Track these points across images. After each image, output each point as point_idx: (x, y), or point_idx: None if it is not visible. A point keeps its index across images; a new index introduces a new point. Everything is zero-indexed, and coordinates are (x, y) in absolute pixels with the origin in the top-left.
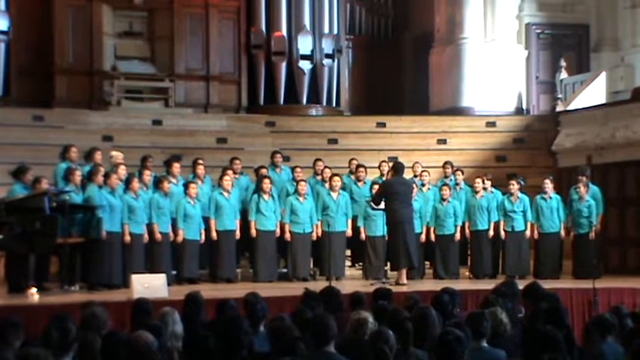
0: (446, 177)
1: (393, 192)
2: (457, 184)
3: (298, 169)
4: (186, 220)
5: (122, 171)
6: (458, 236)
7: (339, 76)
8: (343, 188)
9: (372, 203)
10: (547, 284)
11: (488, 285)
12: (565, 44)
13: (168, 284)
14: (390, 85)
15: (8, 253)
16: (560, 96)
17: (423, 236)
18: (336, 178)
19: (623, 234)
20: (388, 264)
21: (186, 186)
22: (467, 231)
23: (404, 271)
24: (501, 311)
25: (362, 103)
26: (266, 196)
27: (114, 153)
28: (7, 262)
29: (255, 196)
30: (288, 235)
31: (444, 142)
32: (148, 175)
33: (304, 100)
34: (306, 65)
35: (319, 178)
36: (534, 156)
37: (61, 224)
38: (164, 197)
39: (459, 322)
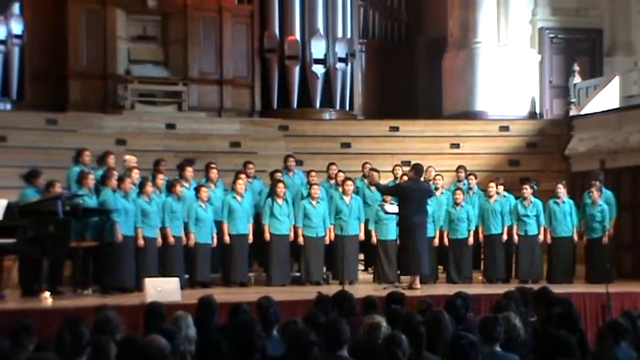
0: (459, 181)
1: (407, 198)
2: (470, 188)
3: (313, 174)
4: (198, 223)
5: (135, 175)
6: (471, 240)
7: (352, 80)
8: (356, 192)
9: (384, 207)
10: (560, 289)
11: (501, 289)
12: (578, 49)
13: (181, 288)
14: (403, 89)
15: (22, 257)
16: (573, 100)
17: (437, 240)
18: (349, 182)
19: (637, 239)
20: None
21: (197, 189)
22: (480, 235)
23: (417, 277)
24: (515, 316)
25: (375, 107)
26: (280, 200)
27: (127, 157)
28: (21, 266)
29: (269, 200)
30: (301, 239)
31: (457, 146)
32: (162, 179)
33: (317, 104)
34: (319, 69)
35: (333, 182)
36: (547, 160)
37: (74, 228)
38: (177, 201)
39: (470, 327)
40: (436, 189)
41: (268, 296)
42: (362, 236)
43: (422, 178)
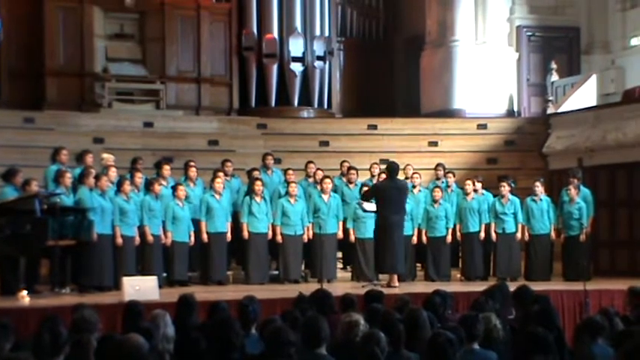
0: (437, 179)
1: (385, 197)
2: (448, 186)
3: (290, 172)
4: (175, 222)
5: (113, 173)
6: (449, 238)
7: (330, 78)
8: (334, 190)
9: (362, 205)
10: (538, 286)
11: (479, 287)
12: (556, 47)
13: (160, 286)
14: (381, 88)
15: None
16: (551, 98)
17: (415, 238)
18: (327, 180)
19: (614, 236)
20: None
21: (174, 188)
22: (458, 233)
23: (395, 275)
24: (495, 317)
25: (353, 105)
26: (258, 199)
27: (105, 155)
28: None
29: (247, 198)
30: (279, 237)
31: (435, 144)
32: (140, 178)
33: (295, 103)
34: (297, 67)
35: (311, 180)
36: (525, 158)
37: (51, 226)
38: (155, 199)
39: (454, 327)
40: (414, 187)
41: (252, 295)
42: (340, 234)
43: (398, 176)
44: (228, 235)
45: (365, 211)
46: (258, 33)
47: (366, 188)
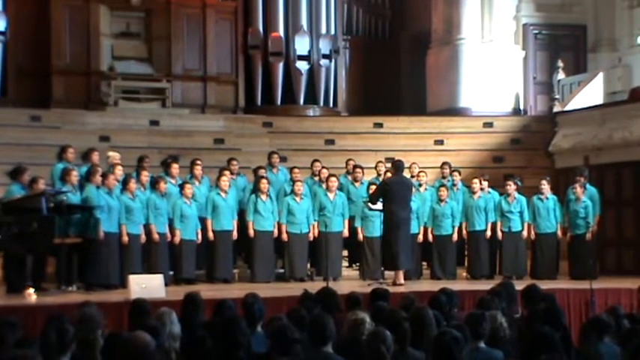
0: (443, 177)
1: (391, 193)
2: (454, 184)
3: (296, 170)
4: (183, 220)
5: (119, 171)
6: (455, 237)
7: (336, 76)
8: (340, 189)
9: (369, 203)
10: (544, 285)
11: (485, 285)
12: (562, 45)
13: (166, 284)
14: (387, 86)
15: (6, 254)
16: (557, 97)
17: (421, 237)
18: (333, 179)
19: (620, 235)
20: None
21: (181, 186)
22: (464, 231)
23: (401, 272)
24: (501, 315)
25: (359, 104)
26: (264, 197)
27: (111, 153)
28: (5, 263)
29: (253, 196)
30: (285, 236)
31: (441, 142)
32: (146, 176)
33: (301, 101)
34: (303, 66)
35: (317, 178)
36: (531, 156)
37: (58, 224)
38: (161, 197)
39: (460, 325)
40: (420, 185)
41: (254, 293)
42: (346, 233)
43: (404, 174)
44: (234, 233)
45: (371, 209)
46: (264, 31)
47: (373, 187)
